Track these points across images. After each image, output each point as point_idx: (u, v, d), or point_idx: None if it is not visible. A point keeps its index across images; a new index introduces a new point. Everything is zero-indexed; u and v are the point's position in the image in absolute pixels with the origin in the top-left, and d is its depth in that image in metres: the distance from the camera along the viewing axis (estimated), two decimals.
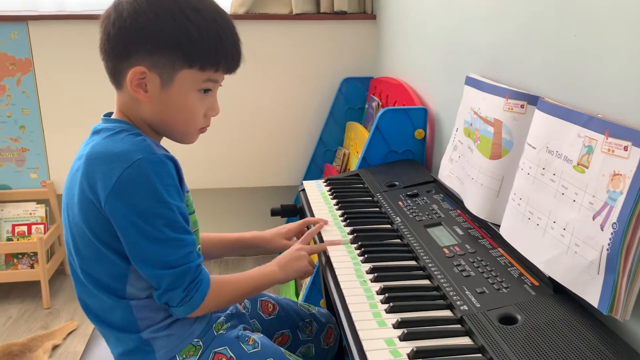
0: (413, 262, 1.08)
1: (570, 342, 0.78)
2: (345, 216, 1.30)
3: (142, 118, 0.96)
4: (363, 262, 1.08)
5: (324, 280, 1.16)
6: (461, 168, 1.29)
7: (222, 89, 1.00)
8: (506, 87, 1.15)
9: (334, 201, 1.41)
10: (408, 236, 1.16)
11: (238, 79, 1.03)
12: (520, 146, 1.07)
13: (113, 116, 0.98)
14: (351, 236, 1.20)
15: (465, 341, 0.83)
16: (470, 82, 1.30)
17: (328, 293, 1.09)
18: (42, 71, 2.28)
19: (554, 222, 0.91)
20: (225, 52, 0.94)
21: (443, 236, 1.14)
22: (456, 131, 1.35)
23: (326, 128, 2.43)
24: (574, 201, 0.87)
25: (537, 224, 0.96)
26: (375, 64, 2.41)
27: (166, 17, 0.90)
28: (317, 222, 1.26)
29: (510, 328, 0.82)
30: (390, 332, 0.85)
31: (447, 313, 0.90)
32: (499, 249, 1.06)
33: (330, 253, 1.12)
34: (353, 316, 0.89)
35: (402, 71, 2.02)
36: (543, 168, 0.96)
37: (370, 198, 1.43)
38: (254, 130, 2.44)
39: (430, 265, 1.03)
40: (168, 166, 0.90)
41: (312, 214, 1.35)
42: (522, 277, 0.95)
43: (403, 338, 0.83)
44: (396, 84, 1.96)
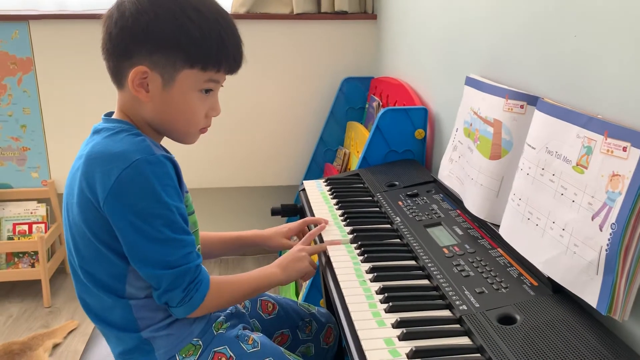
0: (412, 262, 1.08)
1: (569, 342, 0.78)
2: (345, 216, 1.30)
3: (143, 118, 0.96)
4: (363, 262, 1.08)
5: (324, 280, 1.16)
6: (461, 168, 1.29)
7: (223, 89, 1.00)
8: (506, 88, 1.15)
9: (334, 201, 1.41)
10: (408, 236, 1.16)
11: (239, 79, 1.03)
12: (519, 146, 1.08)
13: (114, 116, 0.98)
14: (351, 236, 1.20)
15: (464, 341, 0.83)
16: (470, 83, 1.31)
17: (328, 293, 1.09)
18: (43, 71, 2.29)
19: (553, 223, 0.91)
20: (226, 53, 0.94)
21: (442, 236, 1.15)
22: (456, 131, 1.35)
23: (327, 128, 2.43)
24: (573, 201, 0.87)
25: (537, 224, 0.96)
26: (375, 64, 2.41)
27: (168, 17, 0.90)
28: (317, 222, 1.26)
29: (509, 328, 0.82)
30: (389, 332, 0.85)
31: (446, 313, 0.90)
32: (499, 249, 1.06)
33: (330, 253, 1.13)
34: (352, 316, 0.90)
35: (403, 71, 2.03)
36: (542, 168, 0.96)
37: (370, 198, 1.43)
38: (255, 129, 2.44)
39: (429, 265, 1.04)
40: (167, 167, 0.90)
41: (312, 214, 1.35)
42: (521, 277, 0.96)
43: (402, 338, 0.83)
44: (396, 84, 1.97)
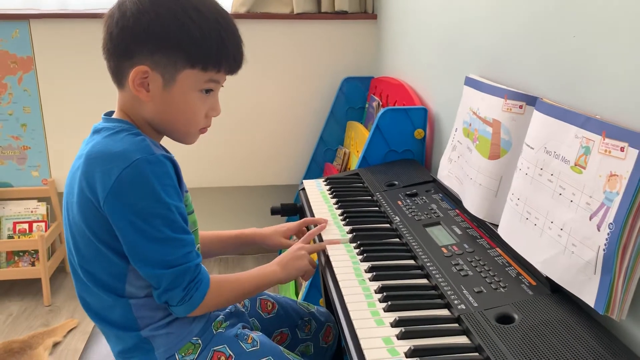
0: (411, 262, 1.09)
1: (566, 342, 0.79)
2: (344, 215, 1.31)
3: (144, 117, 0.96)
4: (362, 261, 1.08)
5: (323, 279, 1.17)
6: (460, 168, 1.29)
7: (223, 88, 1.01)
8: (505, 88, 1.15)
9: (334, 200, 1.42)
10: (407, 235, 1.17)
11: (239, 78, 1.03)
12: (518, 146, 1.08)
13: (114, 115, 0.98)
14: (350, 235, 1.20)
15: (462, 340, 0.83)
16: (469, 83, 1.31)
17: (327, 292, 1.09)
18: (44, 70, 2.29)
19: (552, 222, 0.92)
20: (227, 53, 0.94)
21: (441, 235, 1.15)
22: (455, 131, 1.36)
23: (327, 127, 2.44)
24: (571, 201, 0.88)
25: (535, 224, 0.96)
26: (375, 64, 2.41)
27: (169, 17, 0.90)
28: (317, 223, 1.27)
29: (507, 327, 0.83)
30: (388, 331, 0.85)
31: (445, 312, 0.91)
32: (497, 249, 1.06)
33: (329, 252, 1.13)
34: (351, 315, 0.90)
35: (403, 71, 2.03)
36: (541, 168, 0.97)
37: (369, 197, 1.44)
38: (255, 129, 2.45)
39: (428, 264, 1.04)
40: (166, 166, 0.90)
41: (312, 213, 1.35)
42: (520, 277, 0.96)
43: (401, 337, 0.83)
44: (396, 84, 1.97)
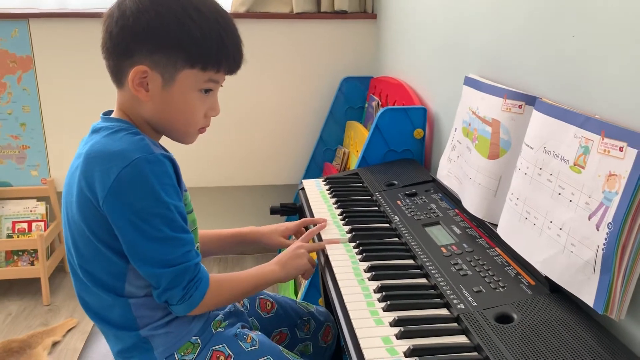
0: (411, 261, 1.09)
1: (565, 341, 0.79)
2: (344, 215, 1.31)
3: (143, 117, 0.96)
4: (361, 261, 1.09)
5: (323, 278, 1.17)
6: (459, 168, 1.29)
7: (223, 88, 1.01)
8: (504, 88, 1.15)
9: (333, 200, 1.42)
10: (406, 235, 1.17)
11: (238, 78, 1.03)
12: (517, 146, 1.08)
13: (113, 115, 0.98)
14: (350, 235, 1.20)
15: (461, 340, 0.83)
16: (468, 82, 1.31)
17: (326, 291, 1.10)
18: (43, 69, 2.29)
19: (551, 222, 0.92)
20: (226, 53, 0.94)
21: (441, 235, 1.15)
22: (455, 131, 1.36)
23: (326, 127, 2.44)
24: (570, 201, 0.88)
25: (534, 224, 0.96)
26: (375, 64, 2.41)
27: (169, 17, 0.90)
28: (316, 223, 1.27)
29: (506, 327, 0.83)
30: (387, 331, 0.85)
31: (444, 312, 0.91)
32: (496, 249, 1.06)
33: (328, 252, 1.13)
34: (350, 314, 0.90)
35: (402, 71, 2.03)
36: (540, 168, 0.97)
37: (369, 197, 1.44)
38: (254, 128, 2.44)
39: (427, 264, 1.04)
40: (166, 165, 0.90)
41: (312, 213, 1.35)
42: (519, 277, 0.96)
43: (400, 336, 0.83)
44: (396, 84, 1.97)
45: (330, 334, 1.29)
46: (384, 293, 0.94)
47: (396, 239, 1.19)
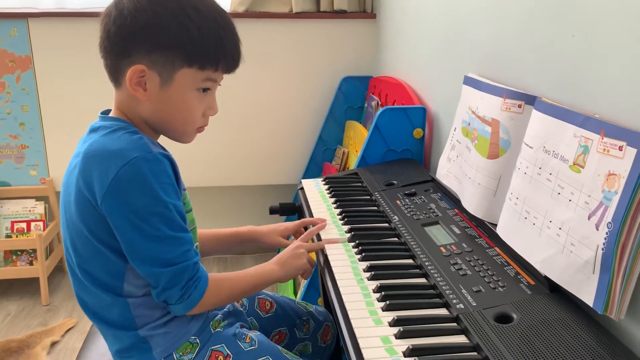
0: (410, 261, 1.09)
1: (565, 341, 0.78)
2: (343, 215, 1.31)
3: (140, 116, 0.96)
4: (360, 261, 1.08)
5: (322, 278, 1.17)
6: (459, 167, 1.29)
7: (222, 87, 1.00)
8: (504, 87, 1.15)
9: (333, 200, 1.42)
10: (405, 235, 1.17)
11: (238, 78, 1.03)
12: (517, 146, 1.08)
13: (111, 114, 0.98)
14: (349, 235, 1.20)
15: (460, 339, 0.83)
16: (468, 82, 1.31)
17: (325, 291, 1.09)
18: (42, 68, 2.28)
19: (550, 222, 0.92)
20: (224, 52, 0.94)
21: (440, 235, 1.15)
22: (454, 130, 1.35)
23: (326, 127, 2.43)
24: (570, 201, 0.88)
25: (534, 224, 0.96)
26: (374, 63, 2.41)
27: (167, 16, 0.90)
28: (315, 223, 1.26)
29: (505, 327, 0.82)
30: (386, 330, 0.85)
31: (443, 311, 0.91)
32: (496, 248, 1.06)
33: (328, 251, 1.13)
34: (350, 314, 0.90)
35: (402, 70, 2.03)
36: (540, 168, 0.97)
37: (368, 197, 1.44)
38: (254, 128, 2.44)
39: (427, 263, 1.04)
40: (164, 164, 0.90)
41: (311, 213, 1.35)
42: (518, 276, 0.96)
43: (399, 336, 0.83)
44: (395, 83, 1.97)
45: (329, 334, 1.29)
46: (383, 293, 0.94)
47: (395, 239, 1.18)
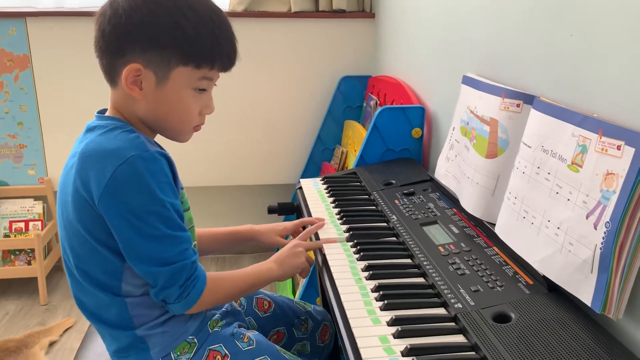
0: (408, 260, 1.08)
1: (563, 341, 0.78)
2: (341, 214, 1.30)
3: (137, 115, 0.96)
4: (359, 260, 1.08)
5: (320, 278, 1.16)
6: (457, 167, 1.29)
7: (221, 87, 1.00)
8: (502, 86, 1.15)
9: (331, 199, 1.41)
10: (404, 234, 1.16)
11: (236, 77, 1.03)
12: (515, 145, 1.08)
13: (107, 113, 0.98)
14: (347, 234, 1.20)
15: (459, 339, 0.83)
16: (466, 81, 1.31)
17: (324, 291, 1.09)
18: (40, 68, 2.28)
19: (549, 221, 0.92)
20: (220, 50, 0.94)
21: (438, 234, 1.15)
22: (453, 130, 1.35)
23: (324, 126, 2.43)
24: (568, 200, 0.87)
25: (532, 223, 0.96)
26: (373, 63, 2.41)
27: (162, 15, 0.89)
28: (313, 222, 1.26)
29: (504, 326, 0.82)
30: (384, 330, 0.85)
31: (442, 311, 0.90)
32: (494, 248, 1.06)
33: (326, 251, 1.13)
34: (348, 314, 0.90)
35: (400, 70, 2.03)
36: (538, 167, 0.96)
37: (367, 196, 1.43)
38: (252, 128, 2.44)
39: (425, 263, 1.04)
40: (161, 163, 0.89)
41: (309, 212, 1.35)
42: (517, 276, 0.96)
43: (397, 335, 0.83)
44: (394, 83, 1.97)
45: (327, 334, 1.29)
46: (382, 292, 0.94)
47: (394, 239, 1.18)
